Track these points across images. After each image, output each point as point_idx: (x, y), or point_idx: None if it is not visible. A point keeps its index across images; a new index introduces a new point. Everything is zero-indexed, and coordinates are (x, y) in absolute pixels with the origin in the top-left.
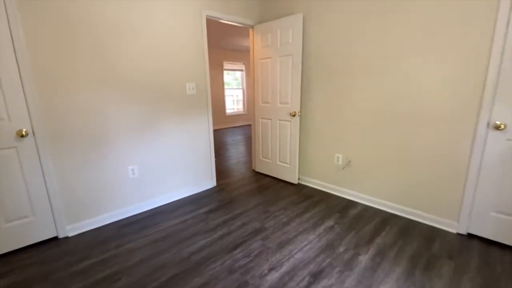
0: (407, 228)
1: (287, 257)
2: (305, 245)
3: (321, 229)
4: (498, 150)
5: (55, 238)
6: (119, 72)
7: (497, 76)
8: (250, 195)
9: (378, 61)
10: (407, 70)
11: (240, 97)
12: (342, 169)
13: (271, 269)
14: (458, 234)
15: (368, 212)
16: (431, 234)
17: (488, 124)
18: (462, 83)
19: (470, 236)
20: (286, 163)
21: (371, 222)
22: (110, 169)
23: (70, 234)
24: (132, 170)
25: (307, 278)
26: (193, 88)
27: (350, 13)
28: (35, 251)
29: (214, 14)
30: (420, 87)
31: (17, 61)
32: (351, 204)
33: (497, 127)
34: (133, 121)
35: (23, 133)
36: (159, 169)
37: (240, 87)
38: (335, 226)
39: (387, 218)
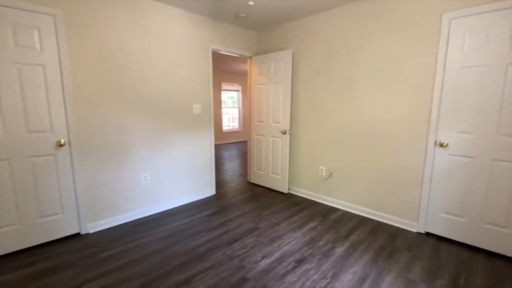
0: (377, 228)
1: (276, 249)
2: (292, 240)
3: (305, 228)
4: (444, 163)
5: (77, 234)
6: (139, 94)
7: (438, 107)
8: (245, 202)
9: (351, 92)
10: (376, 100)
11: (236, 115)
12: (325, 179)
13: (263, 257)
14: (418, 232)
15: (347, 216)
16: (396, 233)
17: (435, 142)
18: (415, 111)
19: (428, 234)
20: (278, 174)
21: (348, 224)
22: (126, 175)
23: (91, 231)
24: (145, 177)
25: (292, 263)
26: (199, 109)
27: (328, 53)
28: (62, 244)
29: (219, 47)
30: (384, 113)
31: (62, 85)
32: (332, 210)
33: (442, 145)
34: (148, 135)
35: (62, 143)
36: (167, 177)
37: (236, 105)
38: (318, 227)
39: (362, 221)
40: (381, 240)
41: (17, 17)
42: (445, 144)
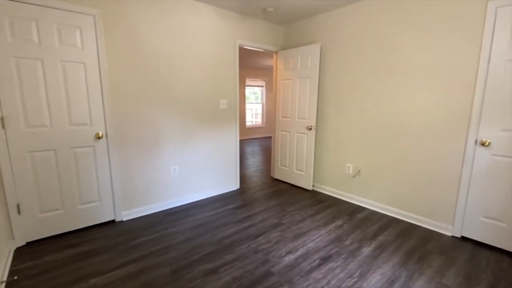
0: (407, 230)
1: (301, 245)
2: (317, 238)
3: (331, 226)
4: (485, 163)
5: (113, 221)
6: (169, 90)
7: (481, 102)
8: (269, 197)
9: (383, 86)
10: (408, 95)
11: (259, 110)
12: (353, 177)
13: (288, 253)
14: (453, 236)
15: (374, 216)
16: (428, 235)
17: (475, 141)
18: (454, 107)
19: (464, 238)
20: (302, 171)
21: (376, 224)
22: (157, 167)
23: (125, 219)
24: (174, 169)
25: (317, 261)
26: (225, 104)
27: (358, 47)
28: (99, 229)
29: (246, 43)
30: (419, 109)
31: (100, 81)
32: (359, 208)
33: (483, 144)
34: (177, 130)
35: (100, 135)
36: (194, 170)
37: (259, 101)
38: (343, 225)
39: (391, 221)
40: (412, 242)
41: (62, 18)
42: (487, 143)
